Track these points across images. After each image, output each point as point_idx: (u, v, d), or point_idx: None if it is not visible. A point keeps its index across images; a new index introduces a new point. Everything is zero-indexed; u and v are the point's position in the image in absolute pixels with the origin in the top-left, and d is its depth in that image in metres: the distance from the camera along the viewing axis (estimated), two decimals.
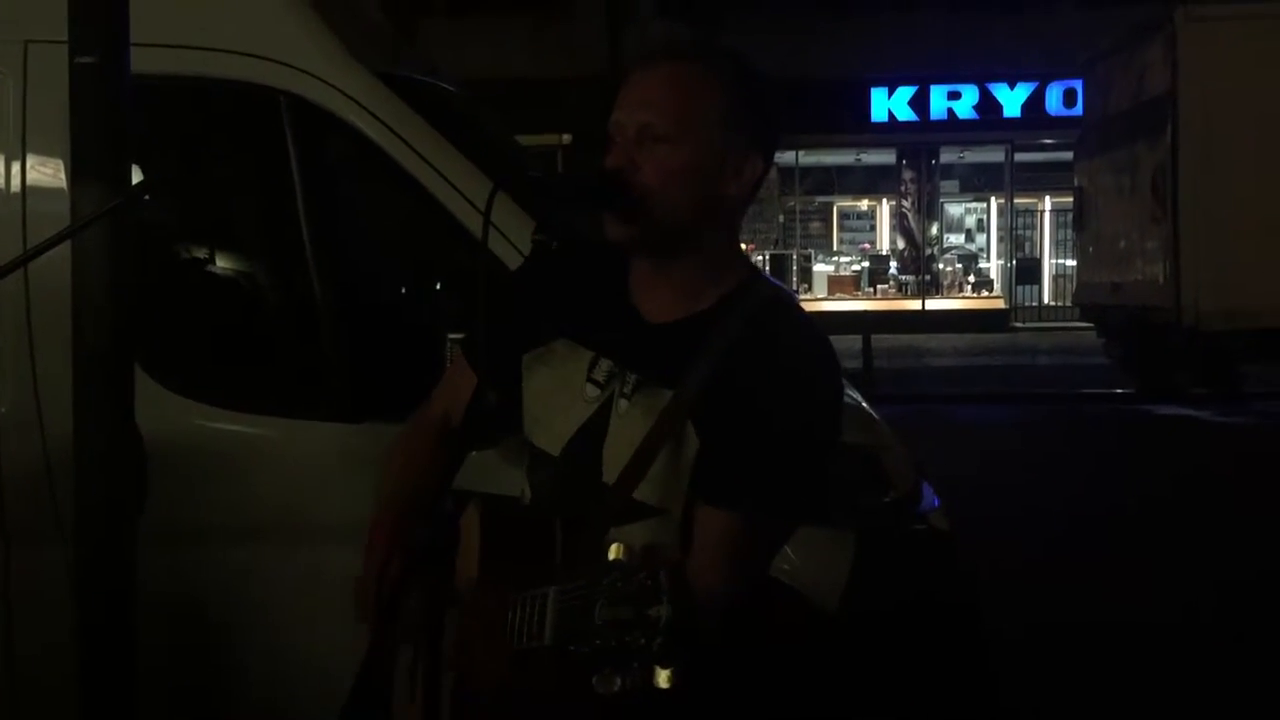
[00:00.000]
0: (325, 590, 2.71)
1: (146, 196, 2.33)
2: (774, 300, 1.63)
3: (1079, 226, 14.72)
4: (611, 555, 1.24)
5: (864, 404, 3.85)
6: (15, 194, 2.76)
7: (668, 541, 1.55)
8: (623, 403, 1.61)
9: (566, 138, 18.98)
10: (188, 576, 2.71)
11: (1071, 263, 18.41)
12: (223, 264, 3.11)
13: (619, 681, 1.18)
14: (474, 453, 1.89)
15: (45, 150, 2.78)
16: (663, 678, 1.18)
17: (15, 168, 2.77)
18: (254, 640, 2.76)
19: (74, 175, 2.03)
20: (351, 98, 2.81)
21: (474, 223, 2.70)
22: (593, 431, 1.62)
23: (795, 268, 22.04)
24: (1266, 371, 11.92)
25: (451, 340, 2.49)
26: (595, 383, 1.64)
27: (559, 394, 1.66)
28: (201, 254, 3.06)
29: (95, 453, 2.05)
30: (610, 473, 1.59)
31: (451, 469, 1.83)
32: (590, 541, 1.48)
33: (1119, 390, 12.95)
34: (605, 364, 1.64)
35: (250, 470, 2.78)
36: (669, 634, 1.17)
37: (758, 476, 1.52)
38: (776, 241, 22.41)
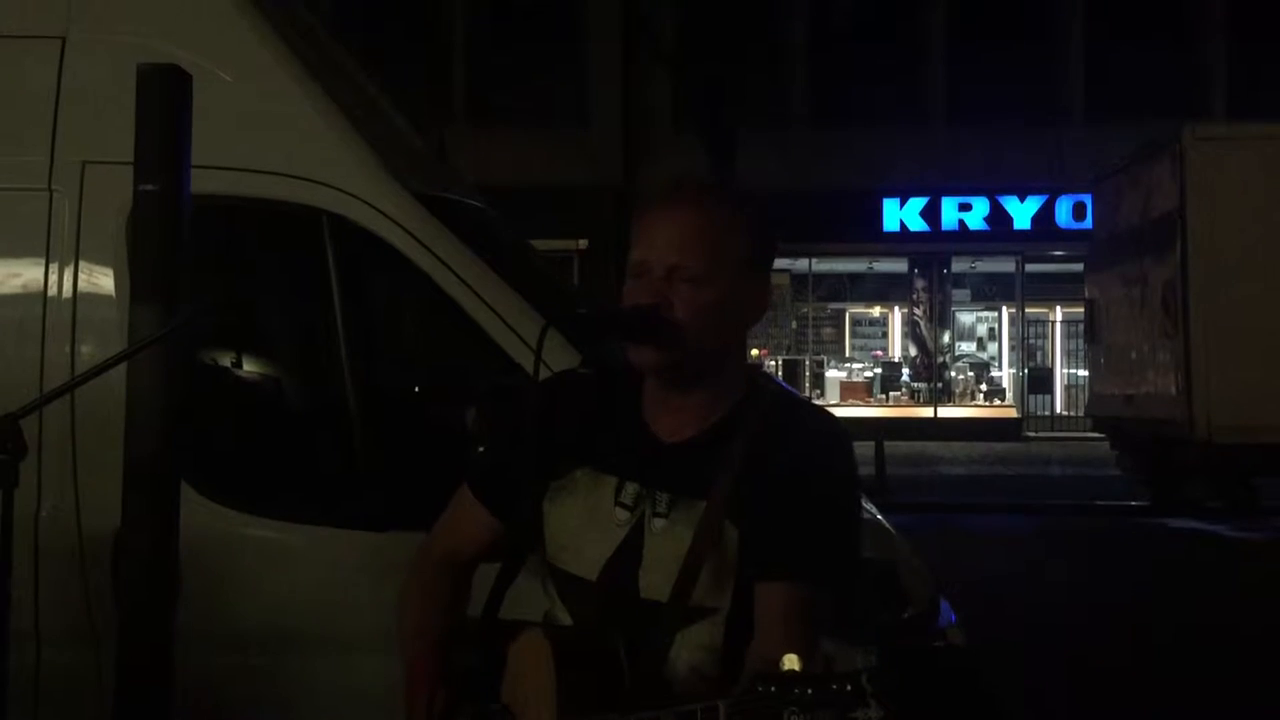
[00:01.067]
0: (343, 697, 2.76)
1: (199, 321, 2.44)
2: (781, 394, 1.77)
3: (1091, 338, 14.82)
4: (787, 666, 1.31)
5: (880, 517, 3.90)
6: (67, 299, 2.88)
7: (711, 643, 1.64)
8: (658, 522, 1.68)
9: (583, 243, 19.28)
10: (216, 681, 2.75)
11: (1083, 373, 18.46)
12: (260, 375, 3.21)
13: None
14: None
15: (96, 260, 2.90)
16: None
17: (68, 276, 2.89)
18: None
19: (133, 297, 2.14)
20: (391, 218, 2.93)
21: (508, 342, 2.79)
22: (628, 553, 1.69)
23: (808, 373, 22.14)
24: None
25: (477, 454, 2.57)
26: (624, 506, 1.71)
27: (588, 521, 1.73)
28: (240, 365, 3.15)
29: (139, 560, 2.12)
30: (651, 590, 1.66)
31: (465, 603, 1.87)
32: (656, 658, 1.56)
33: (1133, 503, 12.90)
34: (632, 488, 1.71)
35: (277, 576, 2.83)
36: None
37: (802, 546, 1.63)
38: (790, 347, 22.54)
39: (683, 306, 1.66)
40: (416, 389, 3.27)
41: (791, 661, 1.30)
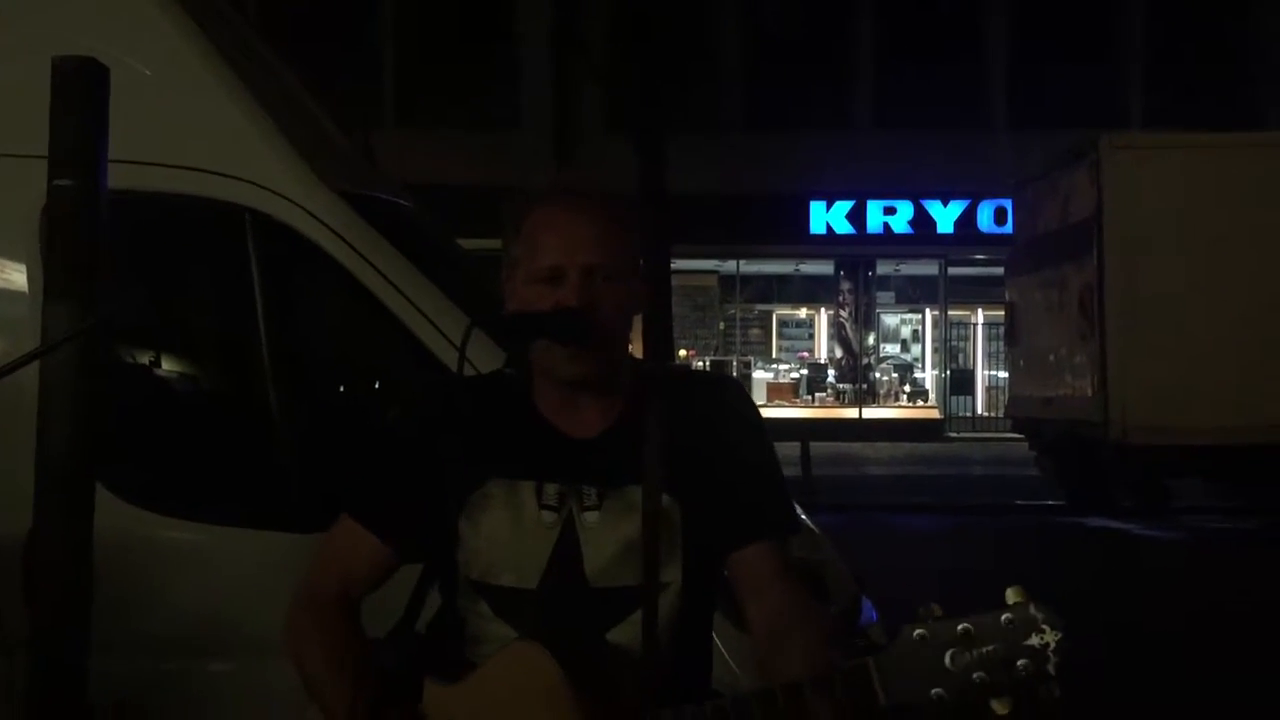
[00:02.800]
0: (263, 701, 2.72)
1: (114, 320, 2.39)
2: (670, 370, 1.92)
3: (1011, 341, 15.12)
4: (929, 615, 1.37)
5: (804, 517, 3.94)
6: None
7: (667, 617, 1.68)
8: (589, 515, 1.68)
9: None
10: (131, 685, 2.70)
11: (1004, 374, 18.82)
12: (179, 374, 3.16)
13: (1000, 704, 1.32)
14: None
15: (9, 256, 2.83)
16: (1055, 690, 1.33)
17: None
18: None
19: (46, 295, 2.09)
20: (315, 216, 2.90)
21: (432, 340, 2.78)
22: (567, 553, 1.68)
23: (735, 374, 22.28)
24: (1193, 486, 12.21)
25: None
26: (549, 508, 1.69)
27: (513, 530, 1.69)
28: (159, 365, 3.10)
29: (53, 564, 2.07)
30: (602, 579, 1.67)
31: (363, 633, 1.74)
32: (651, 640, 1.61)
33: (1050, 502, 13.18)
34: (553, 488, 1.70)
35: (197, 579, 2.79)
36: (1060, 653, 1.33)
37: (767, 505, 1.75)
38: (717, 348, 22.68)
39: (606, 305, 1.67)
40: (340, 388, 3.24)
41: (932, 610, 1.38)
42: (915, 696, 1.36)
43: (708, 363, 21.83)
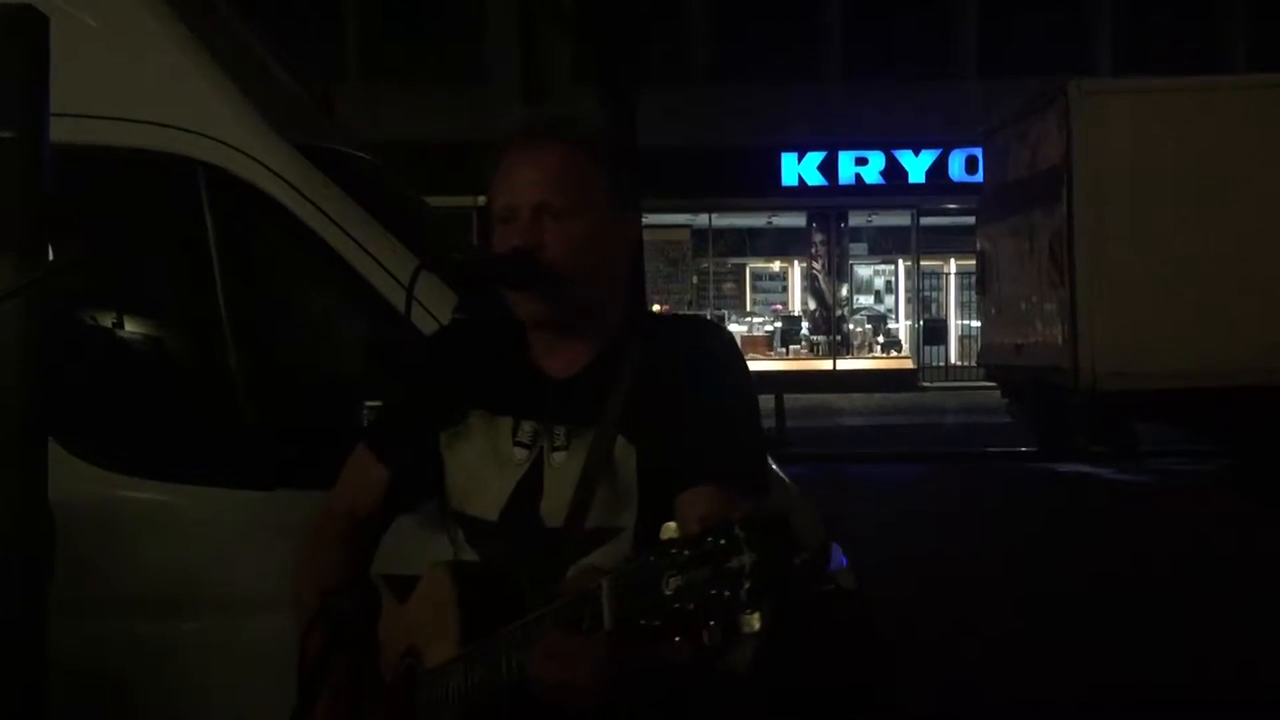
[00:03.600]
0: (235, 659, 2.71)
1: (65, 270, 2.34)
2: (663, 317, 1.84)
3: (982, 290, 15.17)
4: (666, 536, 1.26)
5: (770, 464, 3.95)
6: None
7: (626, 556, 1.59)
8: (557, 455, 1.70)
9: (480, 199, 19.00)
10: (95, 648, 2.68)
11: (976, 324, 18.92)
12: (136, 332, 3.11)
13: (705, 636, 1.20)
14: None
15: None
16: (754, 620, 1.19)
17: None
18: (165, 712, 2.73)
19: None
20: (270, 168, 2.85)
21: (393, 295, 2.75)
22: (528, 490, 1.71)
23: None
24: (1160, 430, 12.35)
25: (367, 409, 2.52)
26: (522, 445, 1.73)
27: (486, 464, 1.74)
28: (114, 322, 3.05)
29: (6, 532, 2.04)
30: (553, 519, 1.68)
31: (364, 561, 1.86)
32: (558, 582, 1.54)
33: (1022, 449, 13.30)
34: (528, 425, 1.73)
35: (159, 539, 2.76)
36: (756, 577, 1.18)
37: (710, 448, 1.65)
38: (691, 302, 22.68)
39: (554, 244, 1.67)
40: (301, 344, 3.20)
41: (669, 530, 1.26)
42: (635, 624, 1.26)
43: None
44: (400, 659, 1.66)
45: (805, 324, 22.87)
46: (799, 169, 20.91)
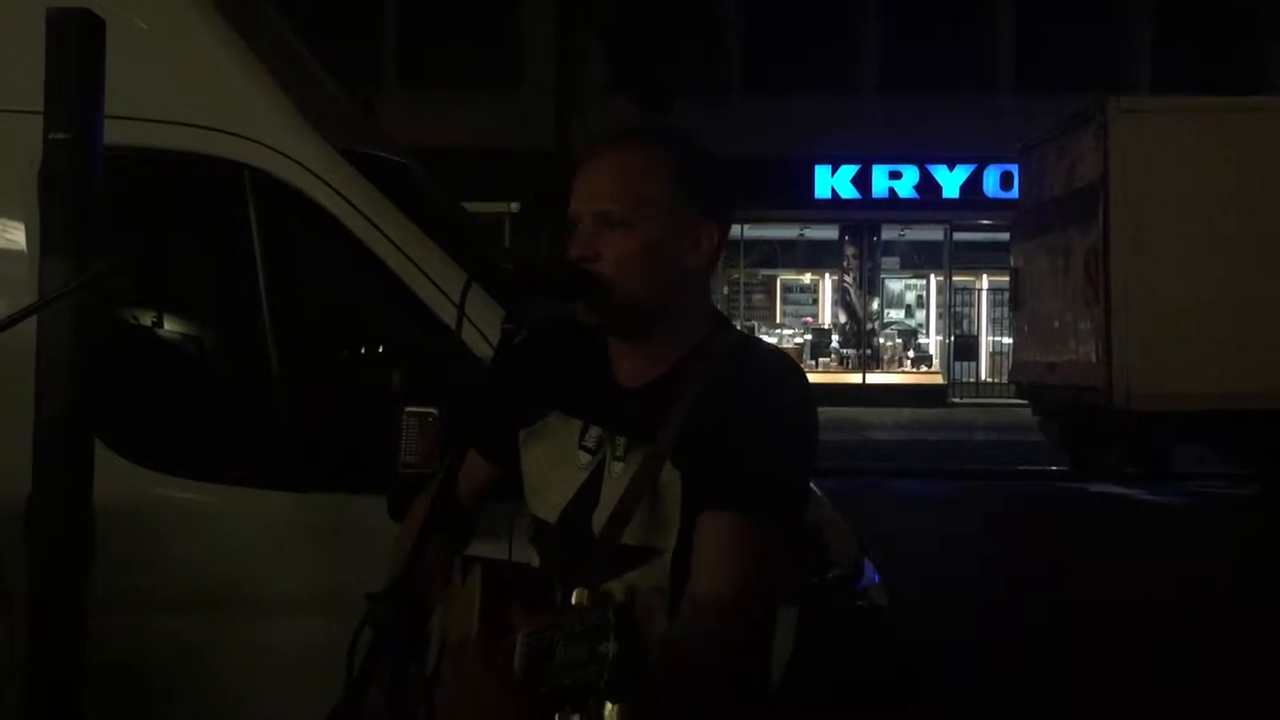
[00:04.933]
0: (275, 658, 2.73)
1: (113, 274, 2.37)
2: (738, 341, 1.75)
3: (1015, 306, 15.07)
4: (574, 600, 1.28)
5: (807, 492, 3.93)
6: None
7: (659, 583, 1.63)
8: (616, 465, 1.69)
9: (514, 206, 19.13)
10: (134, 645, 2.70)
11: (1008, 340, 18.77)
12: (179, 333, 3.14)
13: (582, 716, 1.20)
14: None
15: (6, 215, 2.81)
16: (611, 713, 1.20)
17: None
18: (202, 709, 2.75)
19: (42, 250, 2.07)
20: (315, 174, 2.87)
21: (434, 300, 2.76)
22: (587, 496, 1.70)
23: None
24: (1195, 452, 12.21)
25: (408, 413, 2.54)
26: (586, 449, 1.72)
27: (554, 464, 1.75)
28: (160, 323, 3.08)
29: (52, 525, 2.06)
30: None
31: (460, 527, 1.87)
32: (597, 601, 1.51)
33: (1054, 468, 13.19)
34: (595, 431, 1.72)
35: (196, 538, 2.78)
36: (615, 669, 1.18)
37: (741, 478, 1.60)
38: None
39: (610, 254, 1.65)
40: (341, 348, 3.22)
41: (578, 596, 1.28)
42: (539, 681, 1.25)
43: None
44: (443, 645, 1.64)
45: (835, 337, 22.77)
46: (832, 181, 20.85)
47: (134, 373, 2.95)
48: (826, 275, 23.60)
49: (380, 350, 3.08)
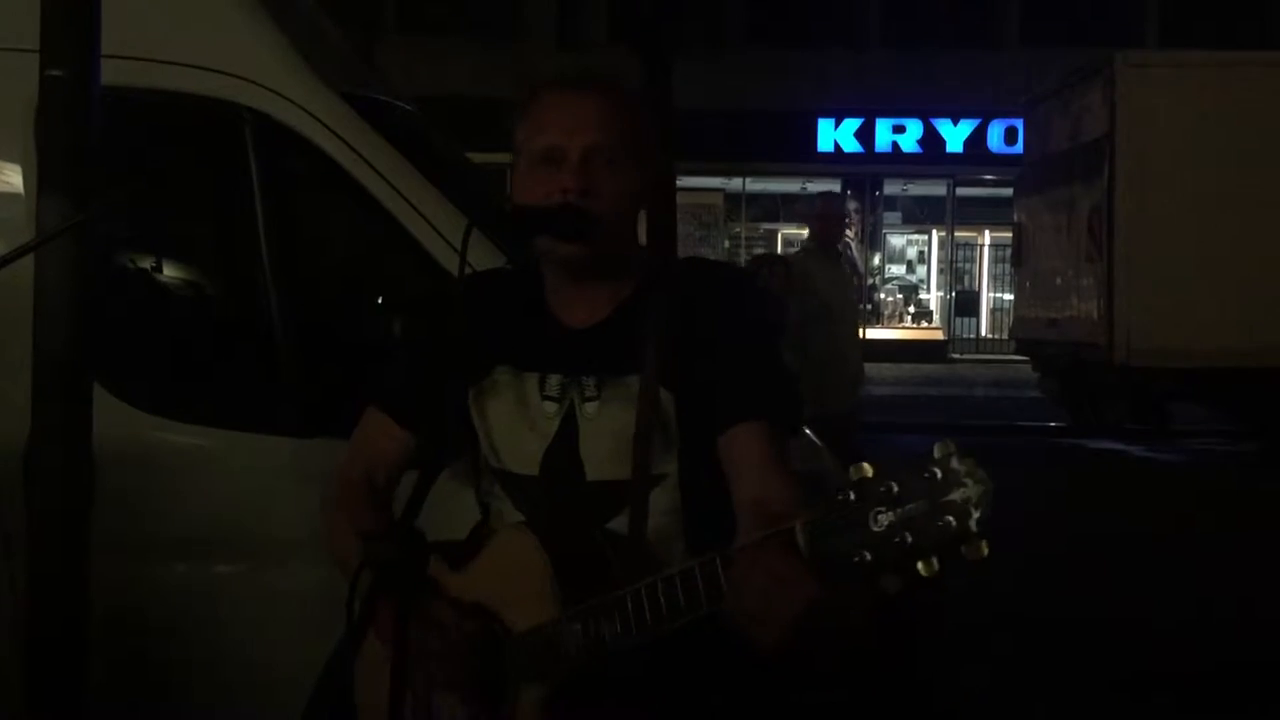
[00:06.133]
0: (275, 602, 2.73)
1: (111, 212, 2.34)
2: (689, 263, 1.86)
3: (1017, 262, 15.02)
4: (856, 475, 1.30)
5: (808, 431, 3.93)
6: None
7: (671, 506, 1.68)
8: (589, 406, 1.70)
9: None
10: (134, 588, 2.70)
11: (1009, 296, 18.75)
12: (178, 277, 3.11)
13: (922, 568, 1.24)
14: None
15: (3, 156, 2.77)
16: (984, 547, 1.26)
17: None
18: (203, 652, 2.75)
19: (40, 188, 2.04)
20: (315, 116, 2.83)
21: (434, 246, 2.73)
22: (565, 442, 1.71)
23: None
24: (1194, 409, 12.23)
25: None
26: (551, 398, 1.73)
27: (518, 419, 1.74)
28: (156, 266, 3.05)
29: (51, 465, 2.05)
30: (597, 472, 1.69)
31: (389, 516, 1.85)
32: (635, 534, 1.60)
33: (1053, 424, 13.20)
34: (555, 379, 1.73)
35: (198, 483, 2.78)
36: (985, 505, 1.26)
37: (756, 388, 1.68)
38: None
39: (607, 191, 1.65)
40: (340, 292, 3.20)
41: (862, 470, 1.29)
42: (841, 559, 1.29)
43: None
44: (464, 622, 1.64)
45: None
46: (835, 135, 20.71)
47: (132, 317, 2.92)
48: None
49: (382, 296, 3.06)
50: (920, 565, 1.25)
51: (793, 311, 6.20)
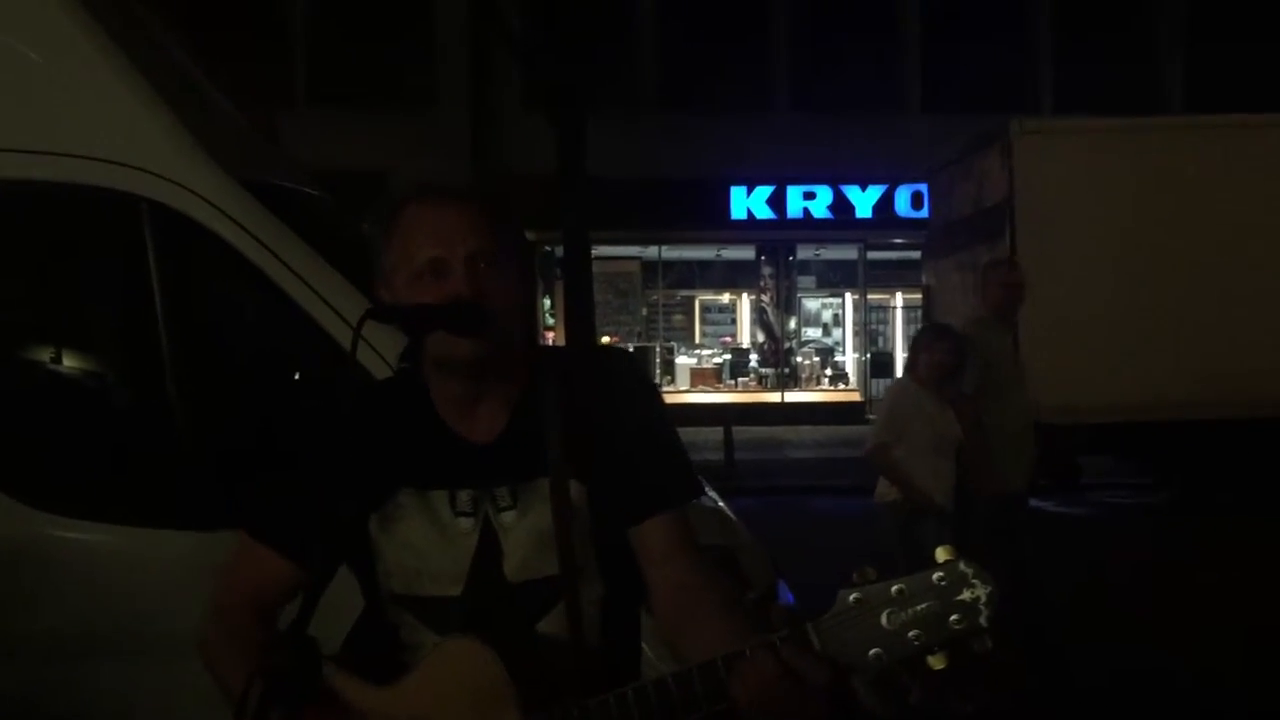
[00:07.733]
0: (175, 703, 2.65)
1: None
2: (563, 354, 1.88)
3: (927, 323, 15.33)
4: (862, 578, 1.40)
5: (720, 503, 3.95)
6: None
7: (597, 595, 1.69)
8: (506, 516, 1.68)
9: None
10: (27, 688, 2.62)
11: None
12: (75, 370, 3.06)
13: (936, 660, 1.34)
14: None
15: None
16: (989, 642, 1.36)
17: None
18: None
19: None
20: (214, 204, 2.82)
21: (339, 332, 2.72)
22: (488, 556, 1.68)
23: (659, 360, 22.32)
24: (1103, 464, 12.50)
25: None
26: (465, 514, 1.68)
27: (431, 541, 1.68)
28: (55, 361, 3.00)
29: None
30: (519, 574, 1.67)
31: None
32: (576, 629, 1.62)
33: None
34: (465, 494, 1.68)
35: (93, 580, 2.71)
36: (993, 605, 1.35)
37: (667, 477, 1.73)
38: (640, 334, 22.68)
39: (493, 290, 1.65)
40: (243, 382, 3.16)
41: (867, 574, 1.40)
42: (855, 657, 1.39)
43: (631, 349, 21.83)
44: None
45: (754, 356, 22.94)
46: (748, 202, 21.04)
47: (28, 412, 2.86)
48: (744, 295, 23.79)
49: (284, 382, 3.03)
50: (931, 659, 1.36)
51: (966, 385, 5.74)
